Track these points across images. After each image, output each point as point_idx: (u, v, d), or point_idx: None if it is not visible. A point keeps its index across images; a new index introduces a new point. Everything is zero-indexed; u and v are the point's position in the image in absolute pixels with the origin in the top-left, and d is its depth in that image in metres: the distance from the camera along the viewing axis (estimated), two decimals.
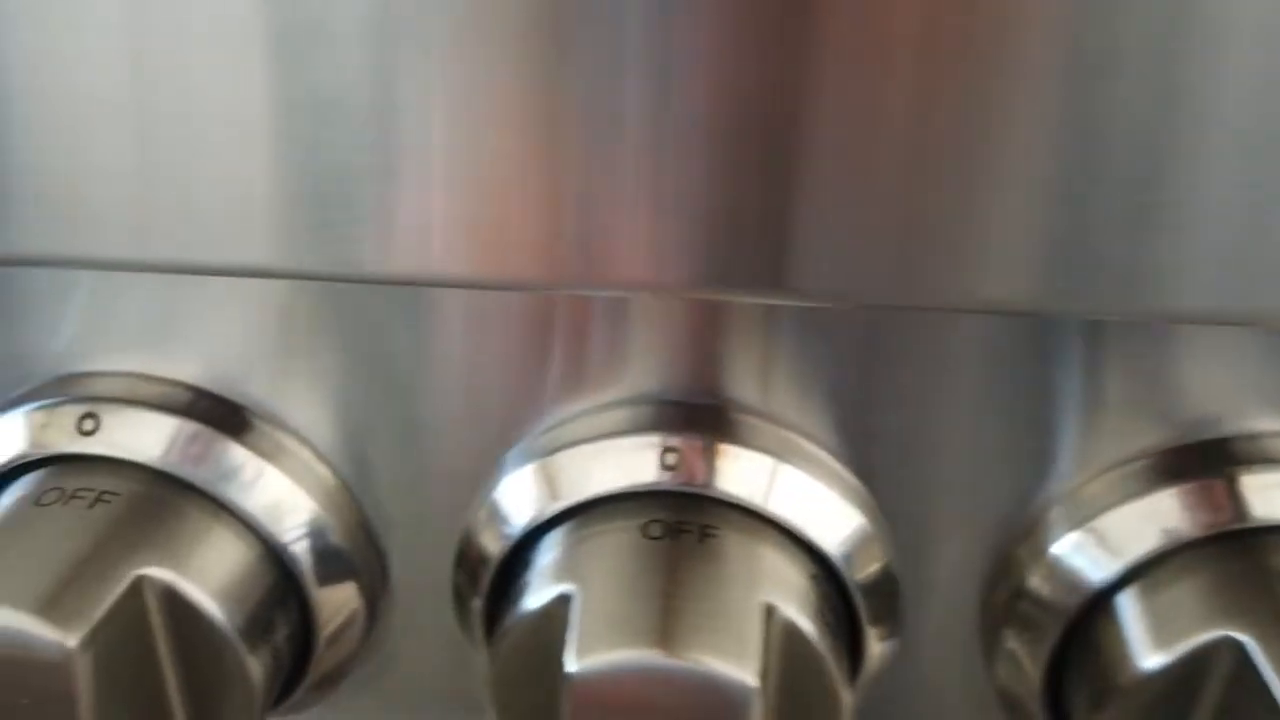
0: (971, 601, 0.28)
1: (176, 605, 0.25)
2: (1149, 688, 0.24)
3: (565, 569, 0.25)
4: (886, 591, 0.27)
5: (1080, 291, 0.21)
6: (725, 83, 0.20)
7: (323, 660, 0.28)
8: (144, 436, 0.26)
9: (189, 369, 0.27)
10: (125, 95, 0.21)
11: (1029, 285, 0.21)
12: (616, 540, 0.25)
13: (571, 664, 0.21)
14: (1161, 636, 0.25)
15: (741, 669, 0.21)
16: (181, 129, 0.22)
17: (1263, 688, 0.23)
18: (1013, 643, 0.27)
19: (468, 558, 0.28)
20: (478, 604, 0.28)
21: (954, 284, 0.21)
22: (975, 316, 0.25)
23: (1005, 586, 0.28)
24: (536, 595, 0.24)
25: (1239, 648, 0.23)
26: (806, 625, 0.24)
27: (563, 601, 0.23)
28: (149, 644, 0.25)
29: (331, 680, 0.29)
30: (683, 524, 0.25)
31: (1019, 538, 0.28)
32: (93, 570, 0.24)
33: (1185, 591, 0.25)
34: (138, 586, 0.24)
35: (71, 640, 0.22)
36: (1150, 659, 0.24)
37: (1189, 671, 0.24)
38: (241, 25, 0.20)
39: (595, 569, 0.24)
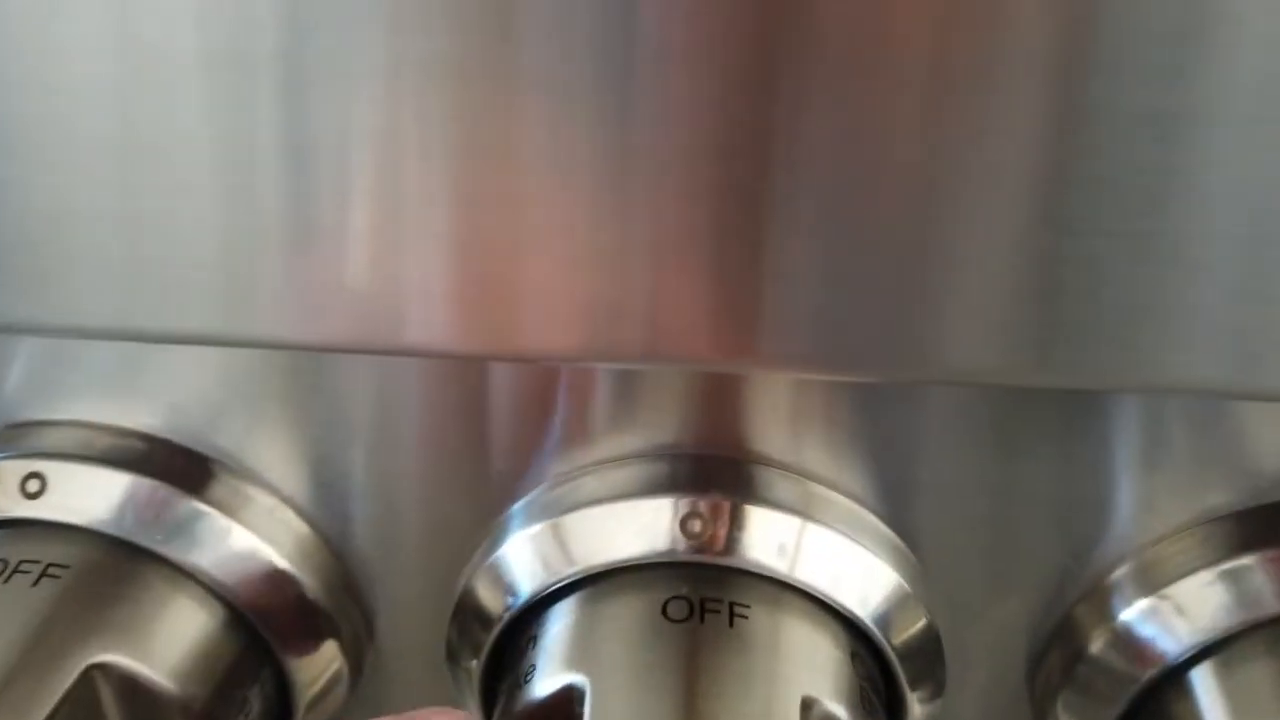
0: (1019, 663, 0.26)
1: (134, 692, 0.22)
2: None
3: (576, 652, 0.22)
4: (928, 652, 0.24)
5: (1069, 363, 0.19)
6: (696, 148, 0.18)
7: None
8: (96, 497, 0.23)
9: (147, 418, 0.24)
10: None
11: (1012, 356, 0.19)
12: (634, 619, 0.22)
13: None
14: None
15: None
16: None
17: None
18: (1069, 711, 0.25)
19: (464, 616, 0.25)
20: (474, 666, 0.25)
21: (924, 355, 0.19)
22: None
23: (1062, 649, 0.25)
24: (544, 681, 0.22)
25: None
26: (844, 714, 0.21)
27: (572, 694, 0.21)
28: None
29: None
30: (707, 602, 0.22)
31: (1078, 598, 0.25)
32: (38, 660, 0.21)
33: (1269, 673, 0.22)
34: (90, 676, 0.21)
35: None
36: None
37: None
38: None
39: (610, 655, 0.21)
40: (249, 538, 0.24)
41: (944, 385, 0.22)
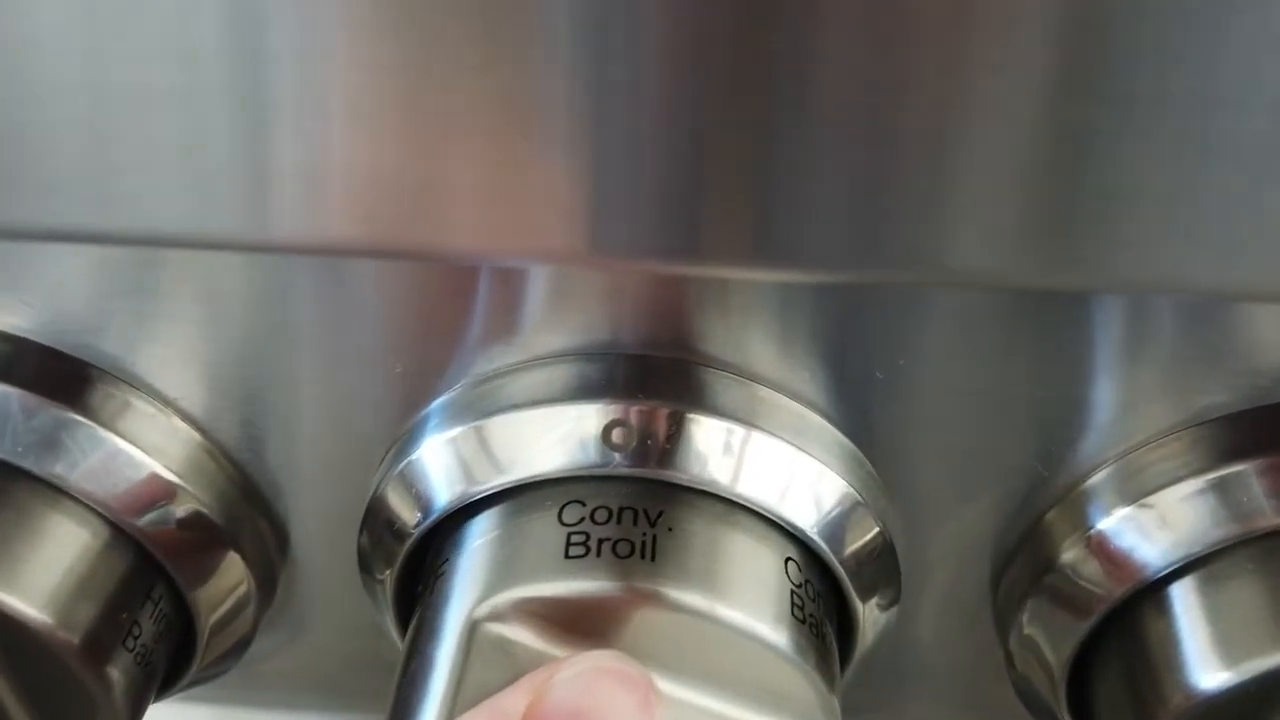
0: (982, 571, 0.24)
1: (4, 625, 0.20)
2: (1205, 706, 0.20)
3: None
4: (881, 562, 0.22)
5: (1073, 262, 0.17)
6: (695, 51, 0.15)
7: (213, 644, 0.24)
8: None
9: (10, 318, 0.21)
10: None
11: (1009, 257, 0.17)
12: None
13: None
14: (1226, 648, 0.20)
15: None
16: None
17: None
18: (1034, 621, 0.23)
19: (375, 524, 0.23)
20: (388, 576, 0.23)
21: (927, 254, 0.17)
22: None
23: (1031, 557, 0.23)
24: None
25: None
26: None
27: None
28: None
29: (231, 655, 0.25)
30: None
31: (1050, 504, 0.23)
32: None
33: (1255, 592, 0.20)
34: None
35: None
36: (1211, 675, 0.20)
37: (1254, 693, 0.20)
38: None
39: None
40: (128, 448, 0.21)
41: (942, 287, 0.20)
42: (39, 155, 0.17)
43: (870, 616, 0.23)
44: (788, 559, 0.21)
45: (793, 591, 0.20)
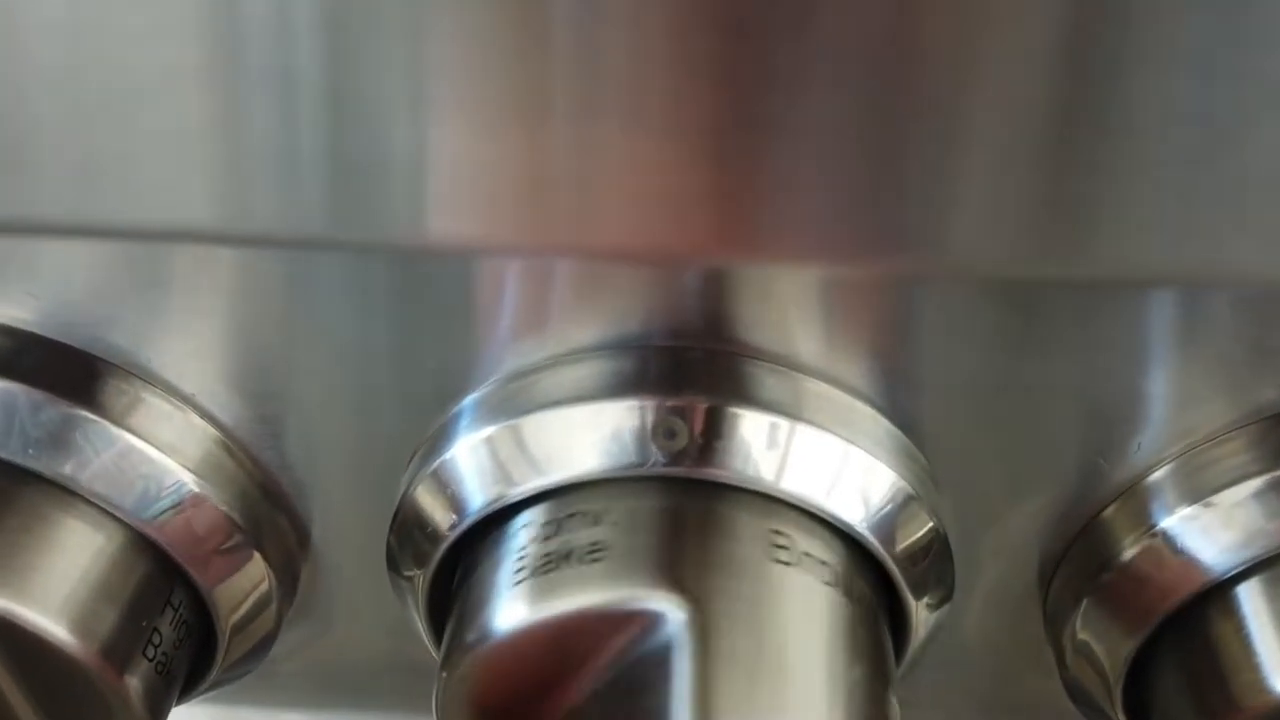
0: (1033, 569, 0.23)
1: (17, 635, 0.19)
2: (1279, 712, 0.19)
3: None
4: (934, 558, 0.21)
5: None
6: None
7: (234, 645, 0.23)
8: None
9: (16, 311, 0.20)
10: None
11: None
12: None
13: None
14: None
15: None
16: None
17: None
18: (1089, 622, 0.22)
19: (407, 524, 0.22)
20: (420, 579, 0.22)
21: (929, 243, 0.17)
22: None
23: (1086, 556, 0.22)
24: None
25: None
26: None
27: None
28: None
29: (253, 657, 0.24)
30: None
31: (1108, 501, 0.22)
32: None
33: None
34: None
35: None
36: None
37: None
38: None
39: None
40: (142, 446, 0.20)
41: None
42: (33, 145, 0.16)
43: (923, 614, 0.22)
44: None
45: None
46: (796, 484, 0.19)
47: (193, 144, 0.16)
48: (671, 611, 0.18)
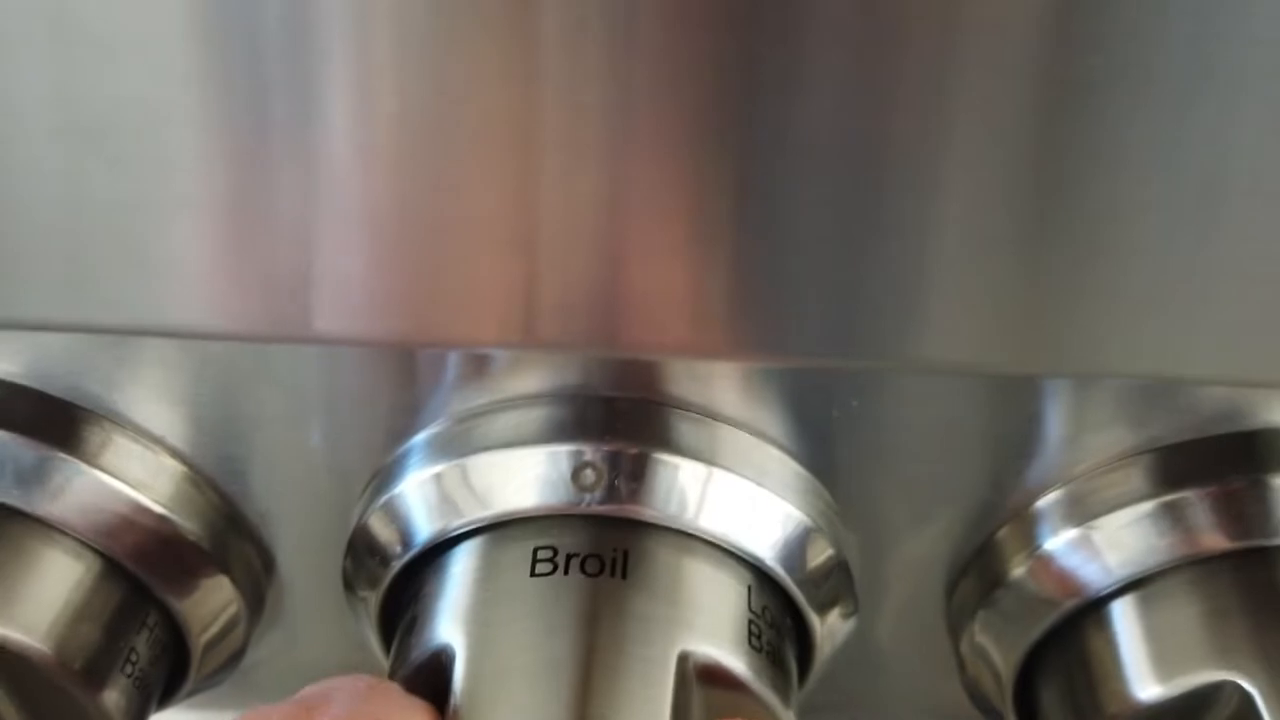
0: (937, 586, 0.25)
1: (6, 656, 0.21)
2: (1139, 718, 0.21)
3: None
4: (837, 577, 0.24)
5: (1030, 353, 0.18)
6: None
7: (206, 661, 0.25)
8: None
9: (3, 363, 0.22)
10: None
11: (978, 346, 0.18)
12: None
13: None
14: (1161, 665, 0.21)
15: None
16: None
17: None
18: (985, 632, 0.24)
19: (359, 550, 0.24)
20: (372, 599, 0.24)
21: (901, 343, 0.18)
22: None
23: (982, 573, 0.24)
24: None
25: (1244, 695, 0.20)
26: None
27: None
28: None
29: (223, 670, 0.26)
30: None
31: (1001, 524, 0.24)
32: None
33: (1191, 613, 0.22)
34: None
35: None
36: (1145, 688, 0.21)
37: (1185, 707, 0.21)
38: None
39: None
40: (114, 483, 0.22)
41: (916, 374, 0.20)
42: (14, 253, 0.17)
43: (827, 631, 0.24)
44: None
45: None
46: (711, 522, 0.21)
47: (170, 255, 0.17)
48: None
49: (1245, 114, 0.16)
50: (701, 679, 0.20)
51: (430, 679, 0.20)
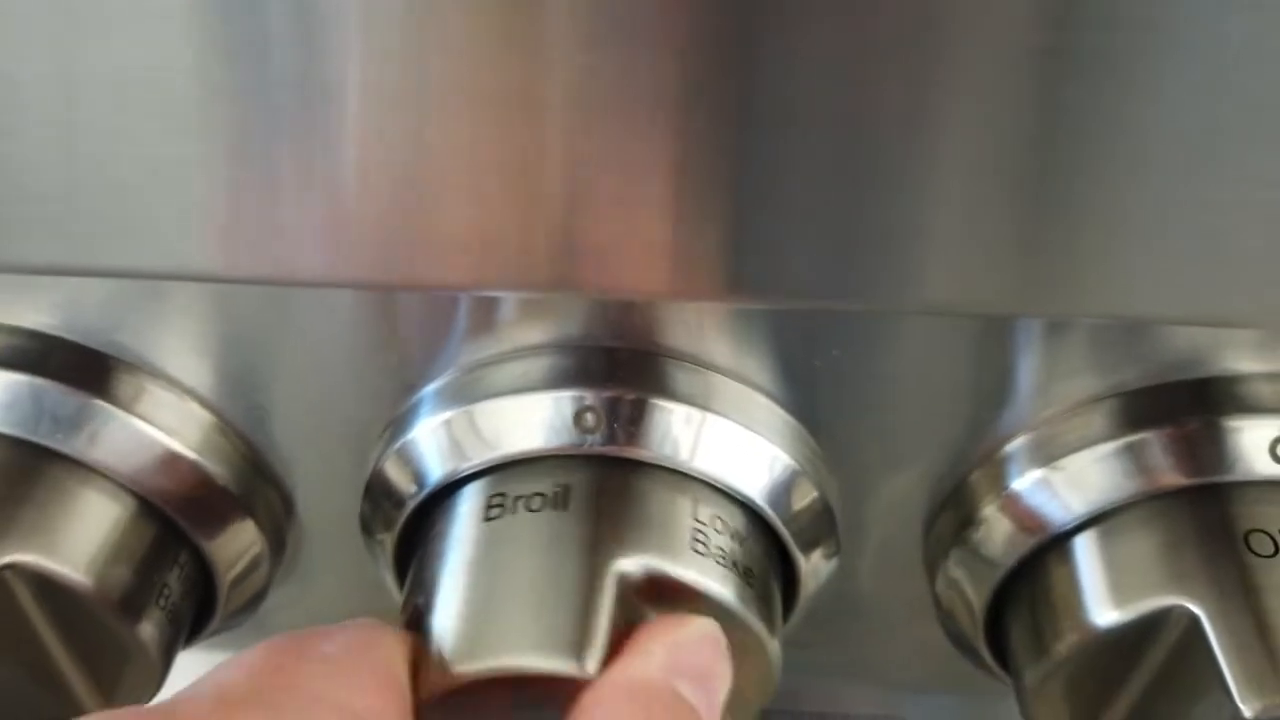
0: (914, 527, 0.27)
1: (50, 587, 0.22)
2: (1097, 642, 0.23)
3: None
4: (820, 519, 0.25)
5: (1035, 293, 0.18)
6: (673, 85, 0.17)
7: (232, 598, 0.27)
8: None
9: (38, 316, 0.23)
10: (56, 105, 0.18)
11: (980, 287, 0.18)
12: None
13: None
14: (1117, 592, 0.23)
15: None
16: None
17: (1209, 661, 0.21)
18: (958, 568, 0.26)
19: (376, 494, 0.26)
20: (387, 540, 0.26)
21: (901, 284, 0.18)
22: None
23: (955, 514, 0.26)
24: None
25: (1192, 617, 0.22)
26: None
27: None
28: (28, 629, 0.23)
29: (248, 608, 0.28)
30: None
31: (973, 467, 0.25)
32: None
33: (1147, 545, 0.23)
34: (3, 577, 0.22)
35: None
36: (1103, 615, 0.23)
37: (1139, 632, 0.23)
38: None
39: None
40: (149, 430, 0.24)
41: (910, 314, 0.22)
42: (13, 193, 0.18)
43: (811, 567, 0.26)
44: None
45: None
46: (705, 463, 0.23)
47: (174, 195, 0.19)
48: None
49: (1232, 61, 0.16)
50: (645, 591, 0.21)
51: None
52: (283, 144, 0.18)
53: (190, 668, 0.30)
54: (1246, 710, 0.20)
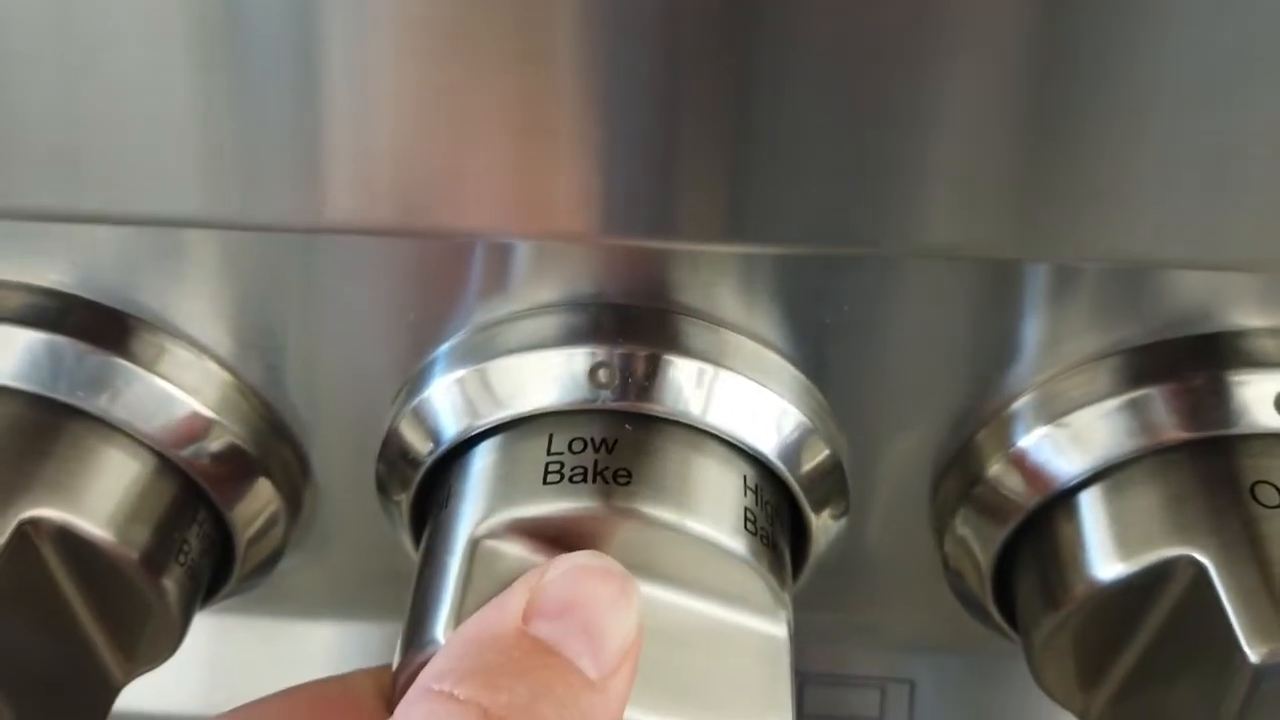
0: (921, 486, 0.27)
1: (72, 542, 0.23)
2: (1103, 595, 0.24)
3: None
4: (832, 477, 0.26)
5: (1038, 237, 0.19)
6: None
7: (249, 558, 0.27)
8: (9, 356, 0.23)
9: (59, 275, 0.24)
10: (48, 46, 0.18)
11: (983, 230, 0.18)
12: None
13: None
14: (1123, 545, 0.24)
15: None
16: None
17: (1216, 609, 0.22)
18: (965, 527, 0.26)
19: (391, 454, 0.26)
20: (403, 500, 0.26)
21: (903, 228, 0.18)
22: None
23: (962, 472, 0.26)
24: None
25: (1198, 567, 0.22)
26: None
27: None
28: (51, 584, 0.23)
29: (264, 569, 0.28)
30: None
31: (979, 426, 0.26)
32: None
33: (1152, 498, 0.24)
34: (24, 531, 0.22)
35: None
36: (1108, 568, 0.24)
37: (1145, 583, 0.23)
38: None
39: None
40: (169, 388, 0.24)
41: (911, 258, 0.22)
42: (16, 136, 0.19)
43: (821, 526, 0.26)
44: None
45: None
46: (718, 418, 0.23)
47: (174, 137, 0.19)
48: None
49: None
50: None
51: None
52: (302, 88, 0.18)
53: (207, 634, 0.30)
54: (1253, 656, 0.21)
